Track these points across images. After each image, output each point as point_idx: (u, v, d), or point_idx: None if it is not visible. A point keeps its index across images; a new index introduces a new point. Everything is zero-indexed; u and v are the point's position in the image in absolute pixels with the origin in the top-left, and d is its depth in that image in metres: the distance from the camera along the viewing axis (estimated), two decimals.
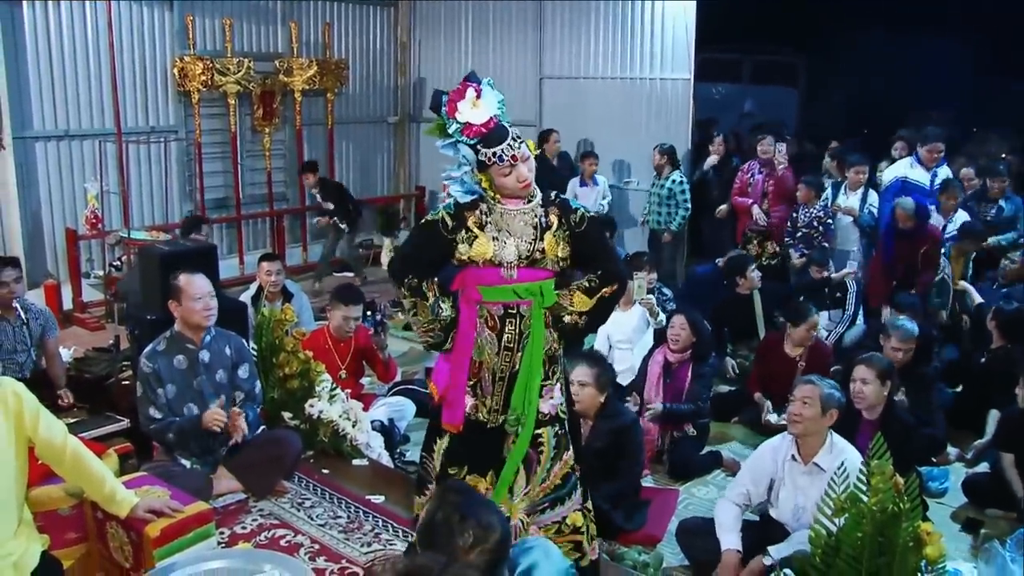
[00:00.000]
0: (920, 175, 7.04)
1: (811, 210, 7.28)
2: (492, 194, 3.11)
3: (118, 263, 7.53)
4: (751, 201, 7.74)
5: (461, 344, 3.21)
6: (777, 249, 7.56)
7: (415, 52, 10.86)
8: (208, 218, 8.07)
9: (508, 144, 3.00)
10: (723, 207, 8.13)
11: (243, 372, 4.19)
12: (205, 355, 4.07)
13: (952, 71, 10.91)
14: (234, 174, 8.99)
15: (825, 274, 6.79)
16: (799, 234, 7.33)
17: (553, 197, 3.22)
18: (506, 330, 3.16)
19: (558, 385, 3.28)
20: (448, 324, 3.25)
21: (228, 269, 8.17)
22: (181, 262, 4.23)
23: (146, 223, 8.25)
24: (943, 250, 6.77)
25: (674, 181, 8.06)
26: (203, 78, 8.35)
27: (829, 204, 7.37)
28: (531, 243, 3.10)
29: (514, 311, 3.16)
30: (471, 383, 3.22)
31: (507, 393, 3.20)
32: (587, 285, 3.21)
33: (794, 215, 7.41)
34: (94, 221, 7.68)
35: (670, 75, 8.80)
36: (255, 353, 4.70)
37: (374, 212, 10.46)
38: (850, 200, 7.37)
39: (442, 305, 3.24)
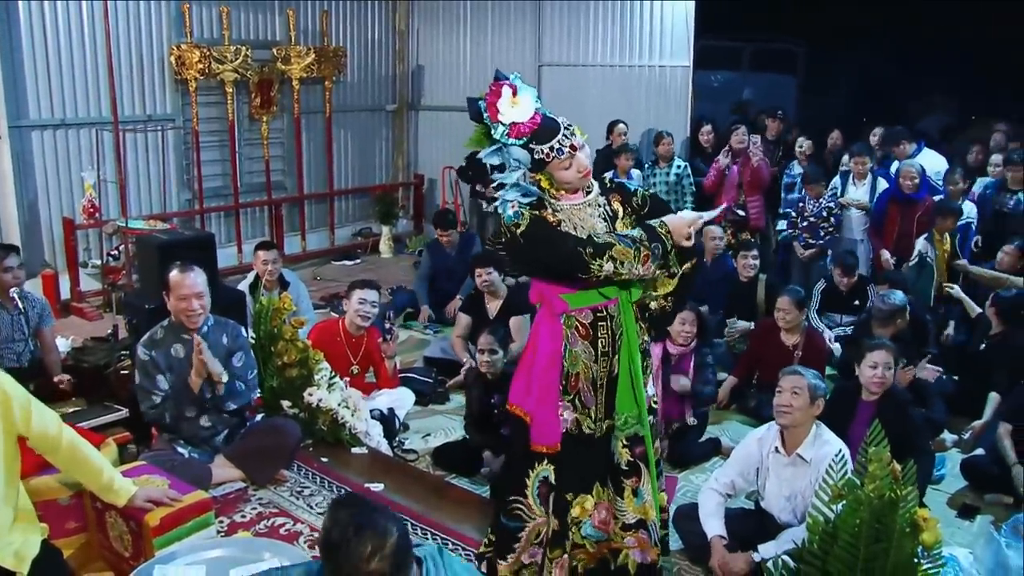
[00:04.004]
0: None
1: (820, 201, 7.26)
2: (553, 192, 2.95)
3: (115, 252, 7.52)
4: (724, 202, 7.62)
5: (546, 360, 3.01)
6: (752, 240, 7.46)
7: (413, 40, 10.81)
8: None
9: (563, 135, 2.86)
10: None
11: (236, 360, 4.17)
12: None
13: (954, 59, 10.84)
14: (232, 162, 8.96)
15: (847, 280, 6.46)
16: (805, 223, 7.29)
17: (609, 183, 3.09)
18: (599, 335, 2.99)
19: (650, 377, 3.16)
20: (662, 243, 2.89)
21: (226, 258, 8.17)
22: (179, 251, 4.24)
23: (143, 212, 8.20)
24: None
25: (679, 167, 8.02)
26: (200, 66, 8.31)
27: (838, 195, 7.38)
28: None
29: (603, 314, 2.98)
30: (569, 398, 3.03)
31: (608, 398, 3.05)
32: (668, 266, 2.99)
33: (800, 204, 7.39)
34: (91, 210, 7.66)
35: (669, 62, 8.78)
36: (253, 341, 4.71)
37: (372, 200, 10.45)
38: (858, 191, 7.38)
39: (628, 232, 2.92)
